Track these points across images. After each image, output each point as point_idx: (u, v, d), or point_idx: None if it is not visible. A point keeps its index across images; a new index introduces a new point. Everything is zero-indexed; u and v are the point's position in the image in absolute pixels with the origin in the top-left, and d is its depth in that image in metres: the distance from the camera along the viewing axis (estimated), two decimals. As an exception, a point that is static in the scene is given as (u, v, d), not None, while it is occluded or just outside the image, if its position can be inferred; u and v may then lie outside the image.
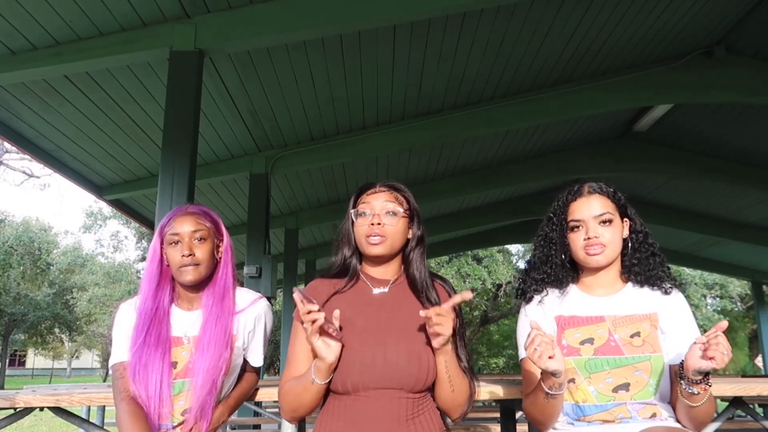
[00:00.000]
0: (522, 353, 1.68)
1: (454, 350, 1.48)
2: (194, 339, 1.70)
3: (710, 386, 1.42)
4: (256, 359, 1.85)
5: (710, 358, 1.33)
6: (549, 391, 1.46)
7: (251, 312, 1.80)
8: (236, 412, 6.36)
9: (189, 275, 1.70)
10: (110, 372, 1.75)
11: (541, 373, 1.45)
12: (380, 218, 1.54)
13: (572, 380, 1.57)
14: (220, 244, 1.80)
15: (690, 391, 1.42)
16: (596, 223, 1.62)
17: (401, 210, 1.58)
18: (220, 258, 1.80)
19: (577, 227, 1.64)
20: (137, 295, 1.77)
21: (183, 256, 1.68)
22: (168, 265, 1.74)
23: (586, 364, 1.57)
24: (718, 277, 20.91)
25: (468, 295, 1.44)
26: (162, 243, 1.75)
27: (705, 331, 1.39)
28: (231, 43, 3.97)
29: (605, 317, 1.61)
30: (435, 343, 1.42)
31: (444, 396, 1.49)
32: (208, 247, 1.74)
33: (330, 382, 1.46)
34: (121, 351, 1.70)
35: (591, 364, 1.56)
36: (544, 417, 1.56)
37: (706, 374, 1.40)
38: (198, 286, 1.76)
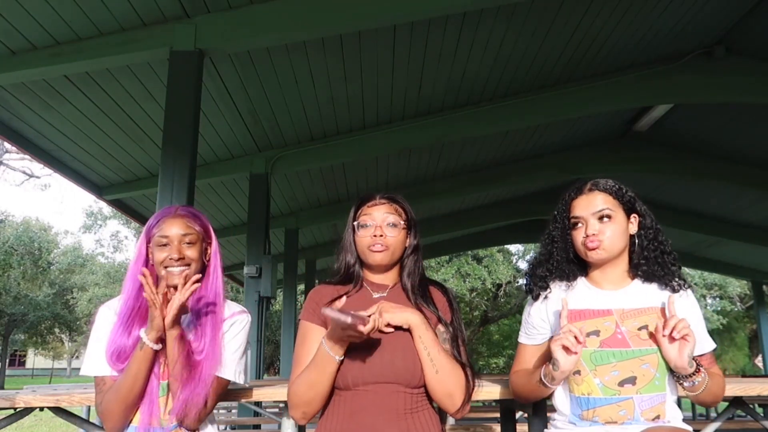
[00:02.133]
0: (520, 339, 1.80)
1: (426, 327, 1.53)
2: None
3: (702, 369, 1.51)
4: (228, 371, 1.67)
5: (682, 338, 1.45)
6: (542, 378, 1.55)
7: (230, 321, 1.74)
8: (237, 412, 6.24)
9: (176, 277, 1.64)
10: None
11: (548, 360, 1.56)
12: (382, 230, 1.61)
13: (577, 372, 1.58)
14: (209, 248, 1.76)
15: (690, 384, 1.51)
16: (595, 219, 1.63)
17: (401, 222, 1.64)
18: (209, 261, 1.75)
19: (578, 224, 1.66)
20: (118, 297, 1.73)
21: (171, 258, 1.65)
22: (153, 265, 1.70)
23: (591, 356, 1.56)
24: (718, 277, 20.89)
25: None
26: (148, 242, 1.71)
27: (712, 329, 1.45)
28: (231, 43, 3.97)
29: (612, 310, 1.61)
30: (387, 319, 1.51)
31: (430, 380, 1.51)
32: (197, 250, 1.71)
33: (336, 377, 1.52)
34: (101, 363, 1.65)
35: (596, 356, 1.56)
36: (530, 396, 1.69)
37: (697, 367, 1.50)
38: None
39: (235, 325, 1.75)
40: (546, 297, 1.72)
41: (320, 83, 5.04)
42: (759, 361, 17.83)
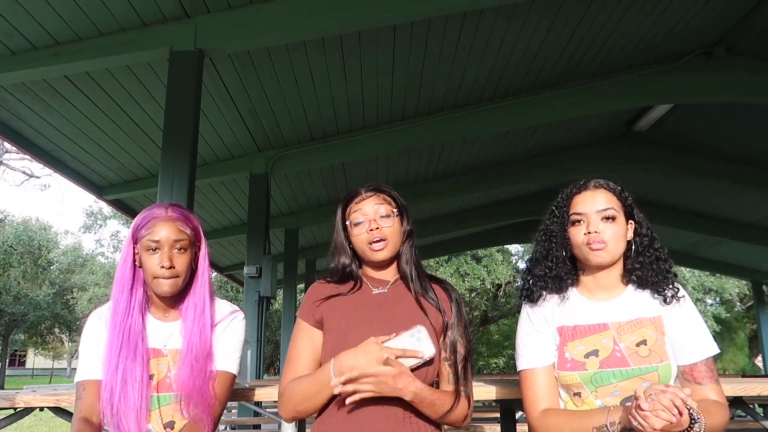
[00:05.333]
0: (523, 364, 1.60)
1: (421, 402, 1.44)
2: (179, 353, 1.63)
3: (696, 425, 1.29)
4: (231, 365, 1.70)
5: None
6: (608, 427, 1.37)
7: (223, 324, 1.73)
8: (236, 412, 6.21)
9: (166, 287, 1.59)
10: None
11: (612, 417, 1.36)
12: (377, 222, 1.56)
13: (578, 394, 1.53)
14: (198, 252, 1.70)
15: None
16: (599, 217, 1.55)
17: (393, 210, 1.60)
18: (198, 265, 1.69)
19: (579, 221, 1.58)
20: (107, 303, 1.67)
21: (162, 267, 1.57)
22: (140, 267, 1.63)
23: (592, 378, 1.51)
24: (714, 283, 20.84)
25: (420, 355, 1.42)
26: (135, 243, 1.63)
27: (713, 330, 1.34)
28: (231, 43, 3.97)
29: (609, 324, 1.55)
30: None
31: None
32: (188, 258, 1.63)
33: None
34: (84, 368, 1.61)
35: (597, 378, 1.51)
36: None
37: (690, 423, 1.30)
38: (174, 295, 1.67)
39: (231, 324, 1.74)
40: (545, 299, 1.63)
41: (320, 83, 5.03)
42: (759, 361, 17.84)
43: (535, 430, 1.54)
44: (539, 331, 1.60)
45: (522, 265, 20.95)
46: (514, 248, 21.47)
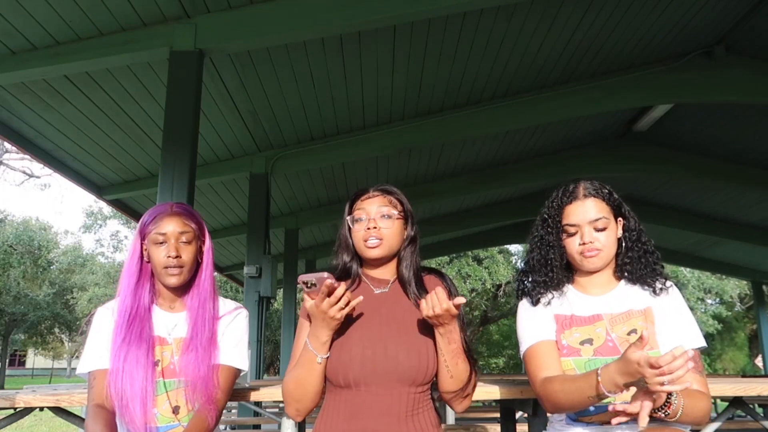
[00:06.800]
0: (525, 344, 1.65)
1: (456, 331, 1.49)
2: (183, 341, 1.70)
3: (669, 409, 1.36)
4: (236, 360, 1.76)
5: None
6: (607, 394, 1.38)
7: (228, 318, 1.79)
8: (236, 412, 6.22)
9: (174, 278, 1.68)
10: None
11: (605, 381, 1.37)
12: (376, 222, 1.59)
13: None
14: (203, 246, 1.78)
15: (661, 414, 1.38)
16: (591, 228, 1.63)
17: (396, 212, 1.62)
18: (202, 259, 1.78)
19: (573, 233, 1.65)
20: (114, 299, 1.74)
21: (169, 257, 1.66)
22: (148, 262, 1.72)
23: (586, 365, 1.57)
24: (714, 283, 20.84)
25: (460, 300, 1.44)
26: (143, 240, 1.72)
27: (708, 333, 1.36)
28: (231, 43, 3.97)
29: (602, 315, 1.63)
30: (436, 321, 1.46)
31: (444, 381, 1.53)
32: (193, 249, 1.72)
33: (326, 370, 1.51)
34: (94, 359, 1.66)
35: (591, 365, 1.56)
36: (573, 406, 1.49)
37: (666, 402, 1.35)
38: (180, 287, 1.74)
39: (236, 319, 1.80)
40: (549, 303, 1.69)
41: (320, 83, 5.03)
42: (759, 361, 17.83)
43: (540, 399, 1.59)
44: (539, 313, 1.68)
45: (521, 265, 20.90)
46: (514, 248, 21.46)
